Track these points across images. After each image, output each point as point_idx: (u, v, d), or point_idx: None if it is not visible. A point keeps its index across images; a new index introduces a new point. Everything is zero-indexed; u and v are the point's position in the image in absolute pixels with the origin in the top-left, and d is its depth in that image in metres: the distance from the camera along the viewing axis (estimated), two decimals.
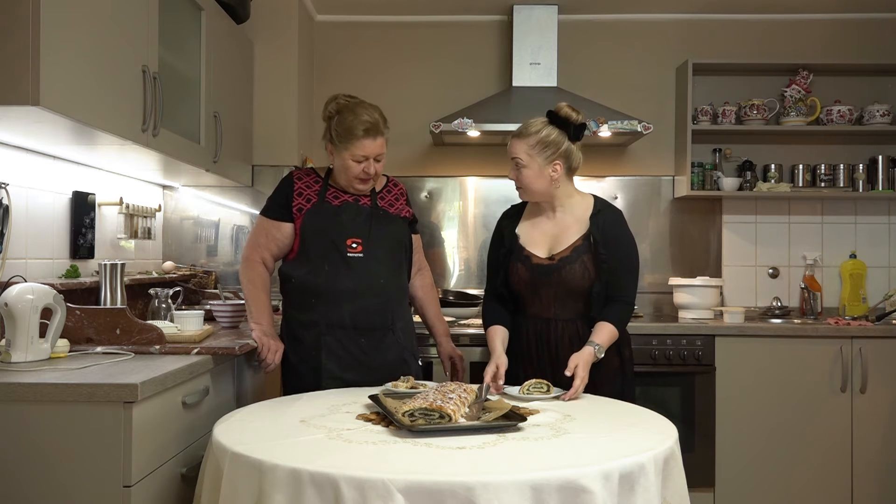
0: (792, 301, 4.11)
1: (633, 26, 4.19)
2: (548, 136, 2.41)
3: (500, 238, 2.57)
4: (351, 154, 2.43)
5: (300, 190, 2.54)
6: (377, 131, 2.43)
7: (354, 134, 2.40)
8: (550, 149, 2.41)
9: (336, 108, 2.47)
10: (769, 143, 4.12)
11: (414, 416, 1.75)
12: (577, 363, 2.25)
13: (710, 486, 3.46)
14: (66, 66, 2.01)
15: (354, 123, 2.41)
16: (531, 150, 2.40)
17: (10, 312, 1.98)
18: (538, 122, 2.45)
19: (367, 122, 2.41)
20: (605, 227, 2.44)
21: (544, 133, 2.41)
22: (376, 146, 2.44)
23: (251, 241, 2.60)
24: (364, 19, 4.18)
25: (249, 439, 1.68)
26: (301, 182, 2.55)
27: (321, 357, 2.47)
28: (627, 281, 2.46)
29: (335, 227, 2.48)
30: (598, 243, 2.40)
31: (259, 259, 2.56)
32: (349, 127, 2.41)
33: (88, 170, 2.99)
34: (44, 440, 1.75)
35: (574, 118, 2.43)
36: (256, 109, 3.80)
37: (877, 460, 3.46)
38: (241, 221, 3.88)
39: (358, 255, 2.47)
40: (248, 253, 2.58)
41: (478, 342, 3.36)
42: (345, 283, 2.46)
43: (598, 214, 2.46)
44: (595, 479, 1.49)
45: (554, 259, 2.43)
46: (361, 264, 2.47)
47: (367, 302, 2.48)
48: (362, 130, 2.40)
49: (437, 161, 4.18)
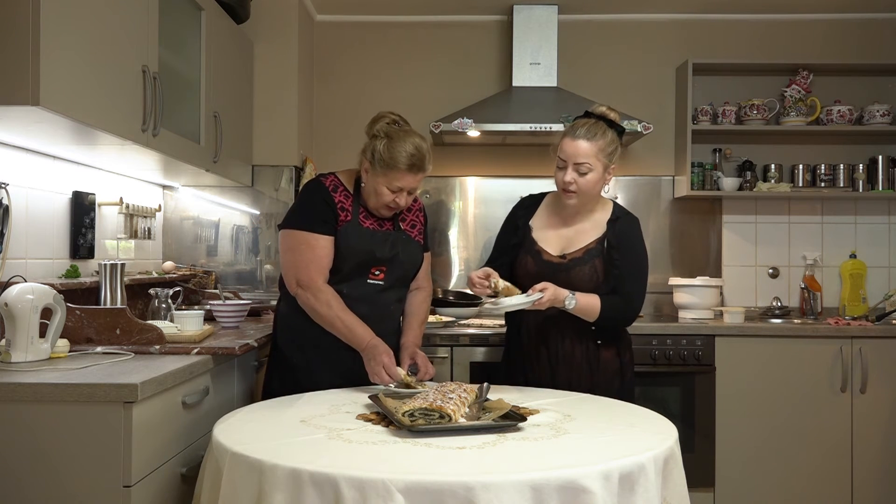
0: (792, 301, 4.11)
1: (633, 26, 4.19)
2: (613, 141, 2.39)
3: (513, 226, 2.55)
4: (388, 182, 2.34)
5: (341, 204, 2.42)
6: (421, 167, 2.34)
7: (397, 165, 2.31)
8: (612, 154, 2.39)
9: (385, 132, 2.36)
10: (769, 143, 4.12)
11: (414, 416, 1.75)
12: (546, 286, 2.27)
13: (710, 486, 3.46)
14: (66, 66, 2.01)
15: (400, 155, 2.31)
16: (600, 155, 2.36)
17: (10, 312, 1.98)
18: (601, 125, 2.39)
19: (414, 156, 2.32)
20: (622, 233, 2.44)
21: (610, 137, 2.39)
22: (416, 181, 2.37)
23: (305, 262, 2.37)
24: (364, 19, 4.18)
25: (249, 439, 1.68)
26: (337, 195, 2.43)
27: (323, 371, 2.43)
28: (633, 286, 2.43)
29: (366, 254, 2.40)
30: (612, 248, 2.40)
31: (323, 280, 2.37)
32: (394, 156, 2.31)
33: (88, 170, 2.99)
34: (44, 440, 1.75)
35: (619, 122, 2.43)
36: (256, 109, 3.80)
37: (877, 460, 3.46)
38: (241, 221, 3.88)
39: (378, 283, 2.44)
40: (311, 276, 2.35)
41: (478, 342, 3.36)
42: (360, 307, 2.41)
43: (616, 221, 2.46)
44: (595, 479, 1.49)
45: (565, 258, 2.43)
46: (379, 291, 2.44)
47: (377, 325, 2.43)
48: (406, 165, 2.31)
49: (437, 161, 4.08)
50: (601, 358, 2.45)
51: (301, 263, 2.37)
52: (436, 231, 4.14)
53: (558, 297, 2.30)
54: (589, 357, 2.45)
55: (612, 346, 2.48)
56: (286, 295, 2.52)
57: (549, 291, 2.28)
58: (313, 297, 2.35)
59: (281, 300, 2.57)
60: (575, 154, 2.36)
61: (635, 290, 2.44)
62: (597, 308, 2.35)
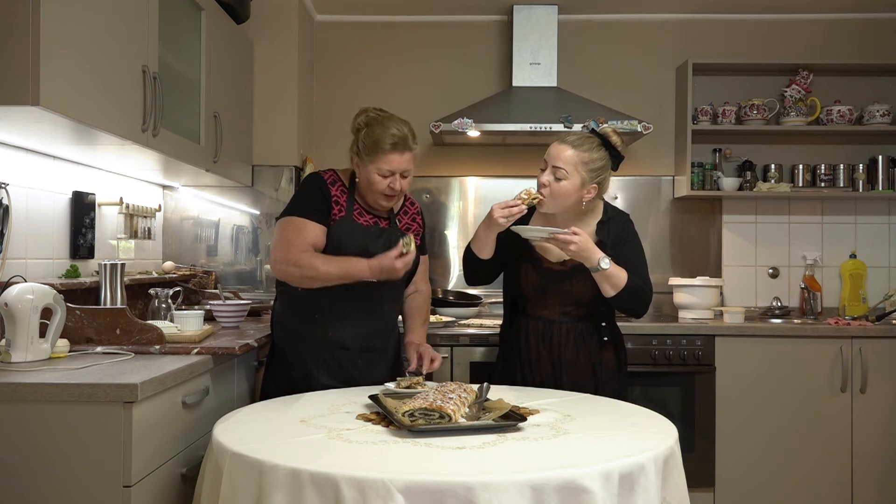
0: (792, 301, 4.11)
1: (633, 26, 4.19)
2: (601, 160, 2.35)
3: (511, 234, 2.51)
4: (377, 168, 2.35)
5: (336, 198, 2.43)
6: (405, 146, 2.35)
7: (381, 147, 2.33)
8: (596, 172, 2.35)
9: (365, 121, 2.39)
10: (769, 143, 4.12)
11: (414, 416, 1.75)
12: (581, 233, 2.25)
13: (710, 486, 3.45)
14: (66, 66, 2.01)
15: (383, 136, 2.33)
16: (580, 167, 2.33)
17: (10, 312, 1.98)
18: (594, 140, 2.37)
19: (395, 135, 2.33)
20: (615, 230, 2.44)
21: (599, 155, 2.35)
22: (403, 161, 2.36)
23: (286, 242, 2.35)
24: (364, 19, 4.18)
25: (249, 439, 1.68)
26: (334, 188, 2.44)
27: (318, 370, 2.44)
28: (643, 274, 2.42)
29: (358, 248, 2.39)
30: (605, 246, 2.39)
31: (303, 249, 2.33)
32: (377, 140, 2.33)
33: (88, 170, 2.99)
34: (44, 440, 1.75)
35: (620, 148, 2.38)
36: (256, 109, 3.80)
37: (877, 460, 3.46)
38: (241, 221, 3.87)
39: (371, 280, 2.42)
40: (290, 251, 2.32)
41: (478, 342, 3.36)
42: (352, 306, 2.43)
43: (607, 221, 2.45)
44: (595, 479, 1.49)
45: (566, 266, 2.42)
46: (372, 290, 2.42)
47: (370, 326, 2.47)
48: (390, 144, 2.33)
49: (437, 161, 4.18)
50: (603, 360, 2.46)
51: (282, 244, 2.36)
52: (435, 231, 4.14)
53: (590, 251, 2.26)
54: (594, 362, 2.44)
55: (611, 346, 2.48)
56: (281, 294, 2.55)
57: (582, 238, 2.24)
58: (296, 267, 2.32)
59: (277, 299, 2.59)
60: (556, 157, 2.34)
61: (646, 278, 2.43)
62: (624, 279, 2.31)
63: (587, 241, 2.26)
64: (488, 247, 2.41)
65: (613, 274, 2.30)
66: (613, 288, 2.32)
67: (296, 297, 2.47)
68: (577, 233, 2.25)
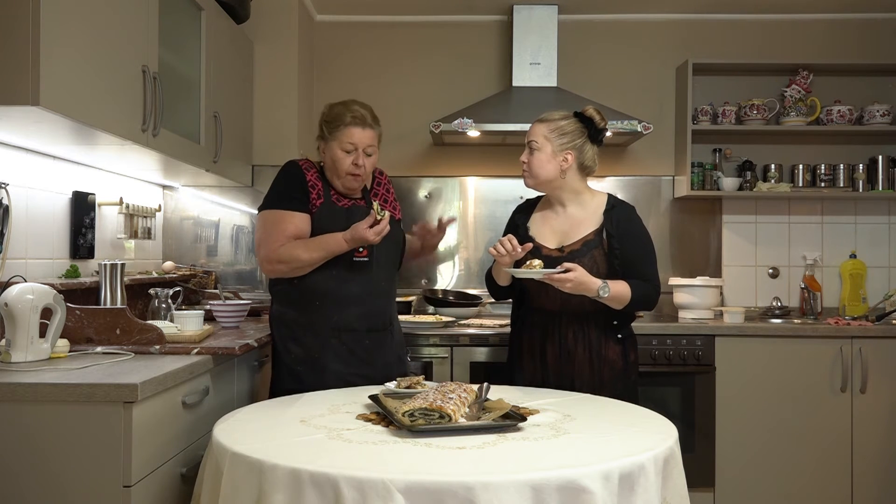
0: (792, 301, 4.11)
1: (633, 26, 4.19)
2: (567, 126, 2.46)
3: (514, 229, 2.59)
4: (339, 143, 2.45)
5: (312, 183, 2.50)
6: (365, 121, 2.46)
7: (343, 121, 2.45)
8: (566, 138, 2.45)
9: (328, 107, 2.54)
10: (769, 143, 4.12)
11: (414, 416, 1.75)
12: (576, 269, 2.30)
13: (710, 486, 3.45)
14: (66, 66, 2.01)
15: (343, 112, 2.46)
16: (549, 134, 2.45)
17: (10, 312, 1.98)
18: (562, 112, 2.51)
19: (355, 111, 2.46)
20: (619, 221, 2.46)
21: (564, 122, 2.47)
22: (365, 136, 2.46)
23: (265, 239, 2.44)
24: (364, 19, 4.18)
25: (249, 439, 1.68)
26: (310, 174, 2.51)
27: (326, 358, 2.46)
28: (650, 268, 2.49)
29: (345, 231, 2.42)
30: (612, 237, 2.42)
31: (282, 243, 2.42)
32: (337, 115, 2.47)
33: (88, 170, 2.99)
34: (44, 440, 1.75)
35: (597, 120, 2.48)
36: (256, 109, 3.80)
37: (877, 460, 3.46)
38: (241, 221, 3.87)
39: (363, 260, 2.48)
40: (269, 249, 2.41)
41: (478, 342, 3.36)
42: (351, 287, 2.48)
43: (612, 210, 2.49)
44: (595, 479, 1.49)
45: (563, 251, 2.45)
46: (366, 269, 2.49)
47: (372, 305, 2.51)
48: (350, 117, 2.45)
49: (437, 161, 4.18)
50: (607, 356, 2.45)
51: (262, 241, 2.46)
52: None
53: (588, 284, 2.32)
54: (594, 357, 2.45)
55: (618, 348, 2.48)
56: (277, 293, 2.58)
57: (577, 273, 2.30)
58: (281, 263, 2.42)
59: (273, 301, 2.61)
60: (530, 132, 2.49)
61: (654, 272, 2.50)
62: (627, 294, 2.38)
63: (583, 275, 2.32)
64: (502, 277, 2.53)
65: (616, 297, 2.37)
66: (620, 304, 2.40)
67: (293, 290, 2.50)
68: (571, 268, 2.31)
